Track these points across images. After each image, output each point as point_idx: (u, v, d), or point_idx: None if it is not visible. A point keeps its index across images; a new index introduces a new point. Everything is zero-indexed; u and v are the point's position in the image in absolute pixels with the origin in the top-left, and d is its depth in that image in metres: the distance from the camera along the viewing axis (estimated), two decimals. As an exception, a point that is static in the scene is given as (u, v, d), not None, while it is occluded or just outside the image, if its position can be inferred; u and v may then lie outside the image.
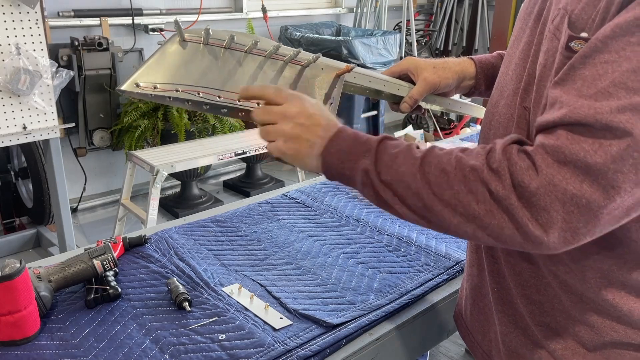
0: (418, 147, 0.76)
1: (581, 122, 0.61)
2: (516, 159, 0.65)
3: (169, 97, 0.96)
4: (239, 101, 0.96)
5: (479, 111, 1.21)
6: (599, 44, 0.62)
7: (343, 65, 1.03)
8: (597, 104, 0.60)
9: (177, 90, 0.94)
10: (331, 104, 1.01)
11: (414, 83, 1.05)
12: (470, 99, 1.39)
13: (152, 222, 2.71)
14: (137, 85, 0.94)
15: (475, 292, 0.95)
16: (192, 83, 0.95)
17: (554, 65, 0.69)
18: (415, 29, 5.03)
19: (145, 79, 0.95)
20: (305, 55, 1.01)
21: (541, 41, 0.75)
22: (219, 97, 0.95)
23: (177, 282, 1.09)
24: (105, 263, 1.07)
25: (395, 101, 1.09)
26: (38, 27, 2.28)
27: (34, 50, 2.28)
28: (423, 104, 1.10)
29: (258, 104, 0.93)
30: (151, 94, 0.95)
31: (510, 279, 0.84)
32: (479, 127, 3.29)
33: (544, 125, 0.66)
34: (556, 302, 0.79)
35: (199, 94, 0.94)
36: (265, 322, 1.01)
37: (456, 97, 1.15)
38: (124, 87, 0.94)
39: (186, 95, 0.94)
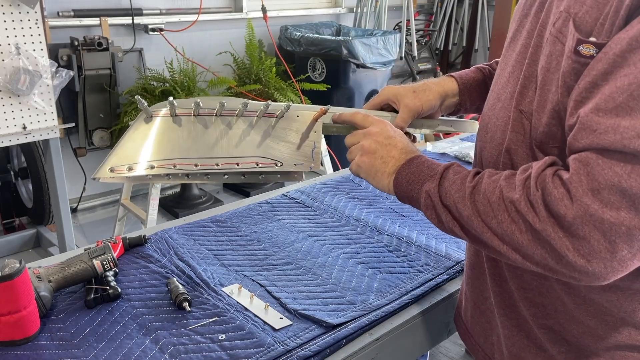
0: (478, 173, 0.77)
1: (610, 149, 0.60)
2: (550, 188, 0.65)
3: (148, 176, 0.95)
4: (217, 165, 0.95)
5: (472, 126, 1.18)
6: (618, 59, 0.61)
7: (317, 108, 1.02)
8: (622, 126, 0.59)
9: (152, 167, 0.93)
10: (313, 149, 0.99)
11: (396, 112, 1.04)
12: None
13: (152, 222, 2.71)
14: (112, 170, 0.92)
15: (476, 294, 0.95)
16: (166, 157, 0.93)
17: (560, 69, 0.69)
18: (415, 29, 5.03)
19: (118, 162, 0.93)
20: (276, 107, 1.00)
21: (540, 44, 0.74)
22: (196, 166, 0.94)
23: (177, 282, 1.09)
24: (105, 263, 1.07)
25: None
26: (38, 27, 2.28)
27: (34, 50, 2.28)
28: (411, 131, 1.08)
29: (236, 162, 0.95)
30: (127, 176, 0.93)
31: (512, 282, 0.84)
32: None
33: (574, 149, 0.65)
34: (559, 305, 0.79)
35: (174, 166, 0.93)
36: (265, 322, 1.01)
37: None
38: (97, 175, 0.93)
39: (163, 170, 0.93)
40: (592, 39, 0.65)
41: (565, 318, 0.79)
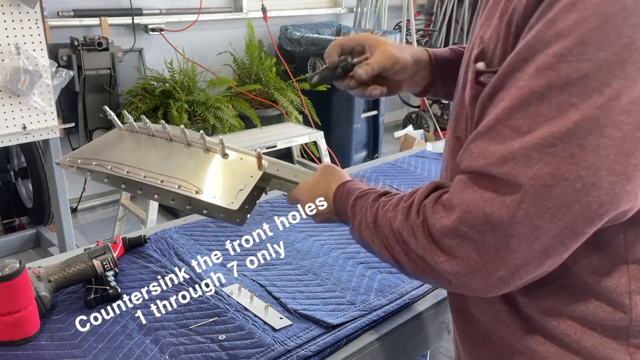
0: (378, 197, 0.79)
1: (480, 173, 0.60)
2: (429, 214, 0.65)
3: (90, 171, 1.04)
4: (144, 177, 1.00)
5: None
6: (497, 82, 0.61)
7: (253, 153, 1.03)
8: (489, 151, 0.59)
9: (92, 164, 1.02)
10: (240, 189, 0.98)
11: (365, 57, 0.97)
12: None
13: (152, 222, 2.71)
14: (69, 160, 1.04)
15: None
16: (106, 159, 1.03)
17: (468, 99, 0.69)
18: (415, 29, 5.03)
19: (78, 155, 1.06)
20: (213, 142, 1.05)
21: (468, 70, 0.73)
22: (127, 173, 1.00)
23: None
24: (105, 263, 1.07)
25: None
26: (38, 27, 2.28)
27: (34, 50, 2.28)
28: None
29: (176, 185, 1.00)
30: (78, 167, 1.04)
31: (480, 316, 0.80)
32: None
33: (459, 170, 0.65)
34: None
35: (110, 168, 1.01)
36: (265, 322, 1.01)
37: None
38: (59, 161, 1.08)
39: (101, 168, 1.02)
40: (480, 64, 0.65)
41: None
